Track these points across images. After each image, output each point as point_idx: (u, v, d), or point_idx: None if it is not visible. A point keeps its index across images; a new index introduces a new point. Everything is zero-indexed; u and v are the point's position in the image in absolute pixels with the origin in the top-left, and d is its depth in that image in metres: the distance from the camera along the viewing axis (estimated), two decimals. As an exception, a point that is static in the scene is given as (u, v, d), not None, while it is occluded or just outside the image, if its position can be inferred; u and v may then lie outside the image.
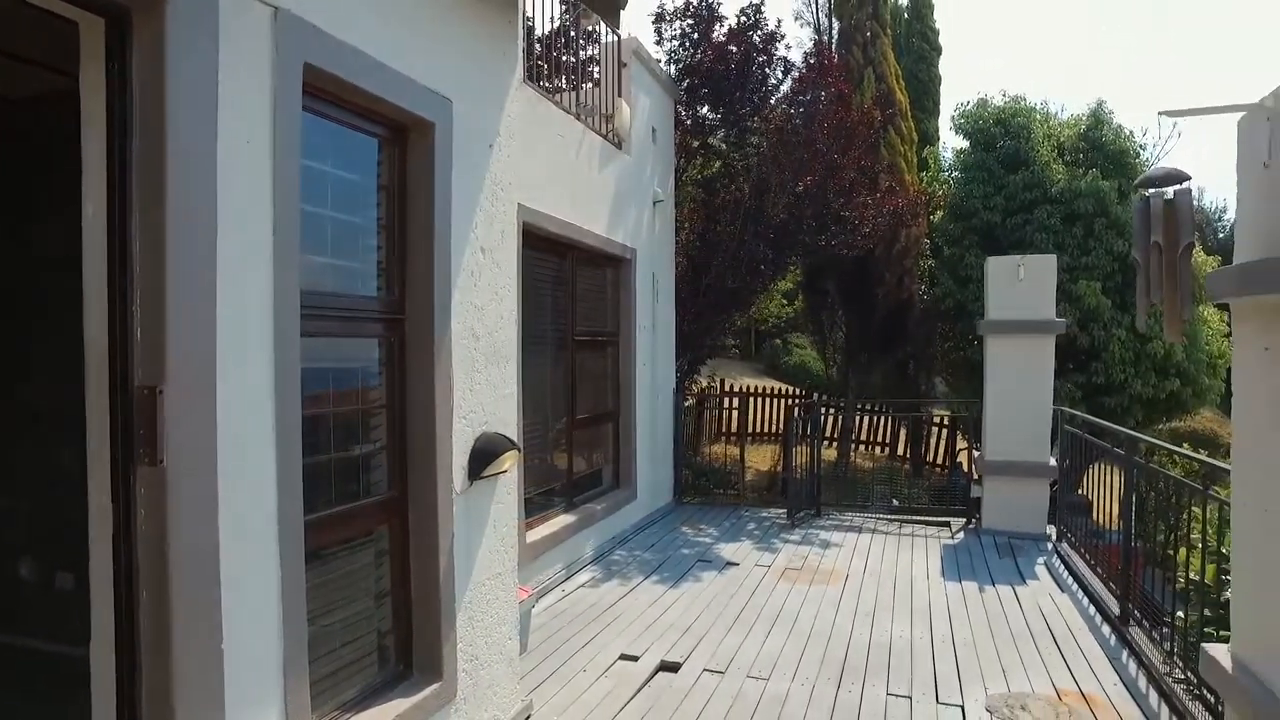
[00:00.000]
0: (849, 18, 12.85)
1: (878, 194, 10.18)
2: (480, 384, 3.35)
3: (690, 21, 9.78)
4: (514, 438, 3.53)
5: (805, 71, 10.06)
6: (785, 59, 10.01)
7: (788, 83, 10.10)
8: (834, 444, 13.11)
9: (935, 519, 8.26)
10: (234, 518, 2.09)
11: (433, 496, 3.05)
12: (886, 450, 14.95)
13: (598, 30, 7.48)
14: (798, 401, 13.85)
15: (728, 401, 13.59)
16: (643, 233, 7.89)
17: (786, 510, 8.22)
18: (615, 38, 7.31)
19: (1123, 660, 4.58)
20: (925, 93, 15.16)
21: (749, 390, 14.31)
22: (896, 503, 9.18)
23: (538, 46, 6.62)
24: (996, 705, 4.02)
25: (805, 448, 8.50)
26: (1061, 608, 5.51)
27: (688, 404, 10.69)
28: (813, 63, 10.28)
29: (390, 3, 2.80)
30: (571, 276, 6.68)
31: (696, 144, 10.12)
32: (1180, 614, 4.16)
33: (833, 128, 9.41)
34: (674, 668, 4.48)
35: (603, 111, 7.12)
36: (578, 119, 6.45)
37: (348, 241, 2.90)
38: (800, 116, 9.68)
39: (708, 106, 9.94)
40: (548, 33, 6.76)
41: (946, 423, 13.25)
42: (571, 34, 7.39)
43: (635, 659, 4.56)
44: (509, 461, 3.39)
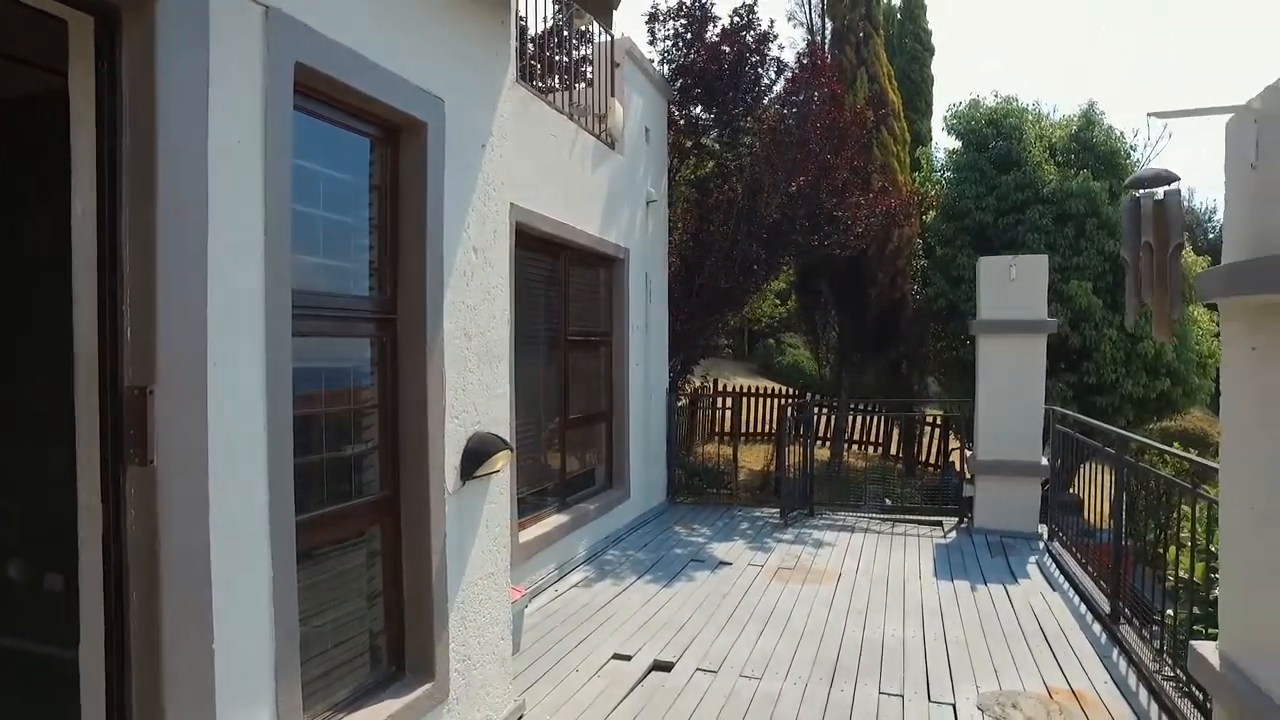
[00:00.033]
0: (842, 18, 12.88)
1: (870, 194, 10.21)
2: (473, 384, 3.35)
3: (683, 22, 9.78)
4: (507, 437, 3.53)
5: (798, 72, 10.09)
6: (778, 59, 10.05)
7: (781, 83, 10.12)
8: (827, 444, 13.13)
9: (928, 518, 8.29)
10: (225, 518, 2.09)
11: (425, 496, 3.05)
12: (879, 450, 14.99)
13: (591, 30, 7.49)
14: (791, 401, 13.90)
15: (721, 401, 13.62)
16: (636, 233, 7.89)
17: (779, 510, 8.23)
18: (608, 38, 7.31)
19: (1113, 658, 4.61)
20: (918, 93, 15.19)
21: (742, 390, 14.32)
22: (889, 502, 9.21)
23: (531, 46, 6.62)
24: (988, 703, 4.04)
25: (798, 447, 8.51)
26: (1053, 606, 5.54)
27: (681, 404, 10.71)
28: (806, 63, 10.31)
29: (382, 2, 2.79)
30: (564, 276, 6.67)
31: (690, 144, 10.12)
32: (1170, 612, 4.19)
33: (825, 128, 9.43)
34: (667, 667, 4.48)
35: (596, 111, 7.12)
36: (571, 119, 6.45)
37: (340, 241, 2.90)
38: (793, 116, 9.69)
39: (701, 106, 9.95)
40: (541, 32, 6.76)
41: (939, 422, 13.30)
42: (565, 34, 7.39)
43: (628, 659, 4.57)
44: (501, 461, 3.39)
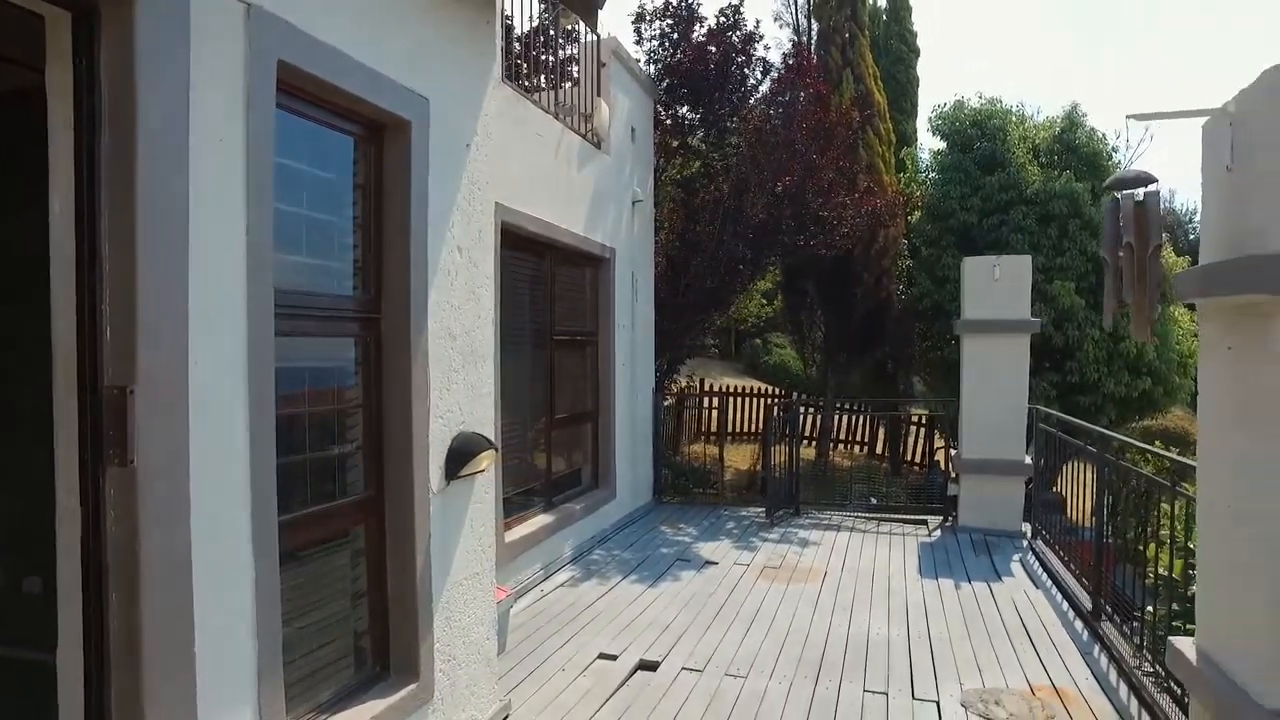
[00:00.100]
0: (828, 19, 12.92)
1: (856, 194, 10.24)
2: (457, 383, 3.34)
3: (670, 22, 9.79)
4: (491, 437, 3.52)
5: (784, 72, 10.12)
6: (764, 59, 10.07)
7: (767, 83, 10.15)
8: (813, 443, 13.19)
9: (913, 517, 8.33)
10: (207, 519, 2.07)
11: (409, 496, 3.04)
12: (865, 449, 15.07)
13: (577, 30, 7.48)
14: (777, 401, 13.94)
15: (707, 401, 13.65)
16: (622, 232, 7.89)
17: (765, 509, 8.25)
18: (594, 37, 7.30)
19: (1094, 655, 4.65)
20: (903, 94, 15.25)
21: (728, 390, 14.36)
22: (875, 501, 9.26)
23: (517, 46, 6.61)
24: (971, 700, 4.07)
25: (784, 447, 8.54)
26: (1036, 604, 5.58)
27: (667, 403, 10.73)
28: (791, 63, 10.34)
29: (366, 0, 2.78)
30: (550, 276, 6.67)
31: (676, 144, 10.13)
32: (1150, 609, 4.23)
33: (811, 128, 9.46)
34: (652, 666, 4.49)
35: (582, 111, 7.12)
36: (557, 118, 6.44)
37: (323, 240, 2.88)
38: (779, 117, 9.72)
39: (687, 106, 9.96)
40: (526, 32, 6.75)
41: (924, 422, 13.37)
42: (550, 33, 7.38)
43: (614, 658, 4.57)
44: (486, 461, 3.39)
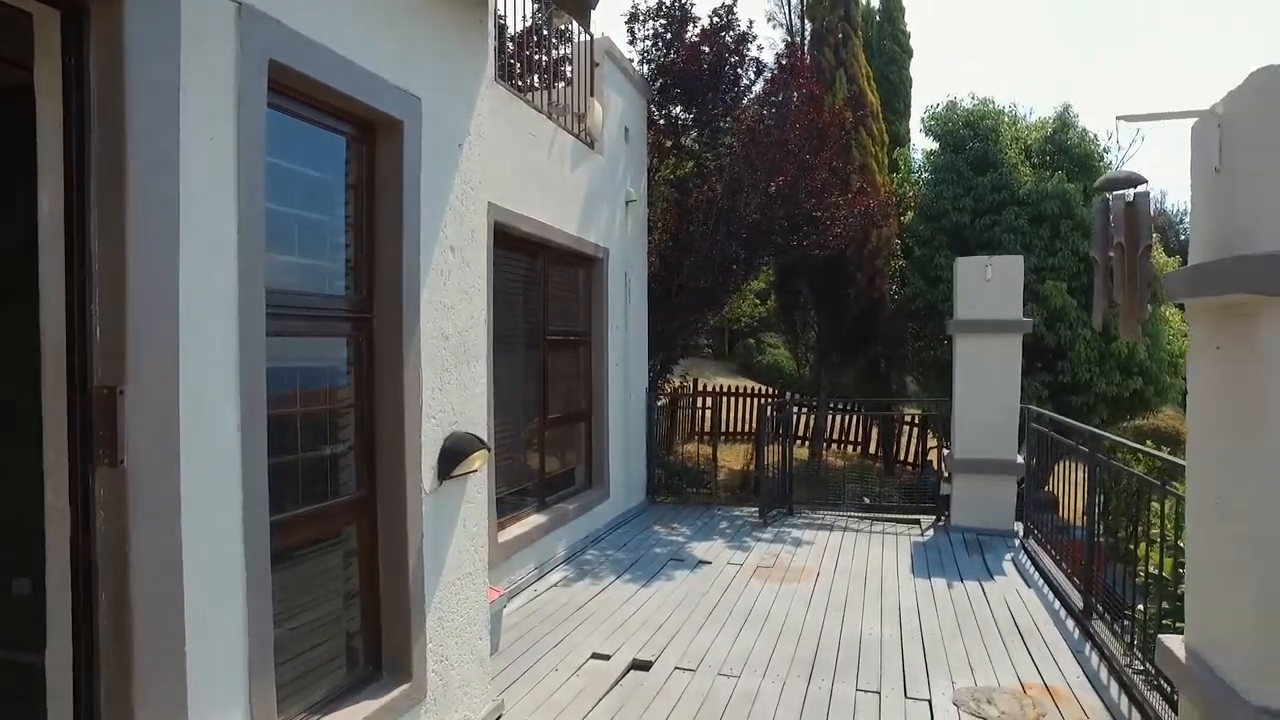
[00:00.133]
0: (821, 19, 12.93)
1: (849, 194, 10.26)
2: (450, 383, 3.33)
3: (663, 22, 9.79)
4: (484, 437, 3.52)
5: (777, 72, 10.12)
6: (757, 60, 10.08)
7: (760, 83, 10.16)
8: (806, 443, 13.20)
9: (905, 517, 8.36)
10: (198, 519, 2.07)
11: (401, 496, 3.03)
12: (858, 449, 15.08)
13: (570, 29, 7.47)
14: (770, 401, 13.93)
15: (701, 401, 13.64)
16: (615, 232, 7.89)
17: (759, 509, 8.26)
18: (588, 37, 7.30)
19: (1085, 653, 4.67)
20: (896, 95, 15.28)
21: (722, 390, 14.36)
22: (868, 501, 9.27)
23: (510, 45, 6.60)
24: (963, 699, 4.09)
25: (778, 447, 8.55)
26: (1027, 603, 5.61)
27: (661, 403, 10.71)
28: (784, 64, 10.34)
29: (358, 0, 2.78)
30: (543, 276, 6.66)
31: (669, 144, 10.13)
32: (1140, 607, 4.25)
33: (804, 128, 9.48)
34: (646, 666, 4.49)
35: (575, 111, 7.11)
36: (550, 118, 6.44)
37: (315, 240, 2.88)
38: (772, 117, 9.72)
39: (680, 106, 9.96)
40: (520, 31, 6.74)
41: (917, 421, 13.39)
42: (544, 33, 7.37)
43: (607, 658, 4.57)
44: (479, 461, 3.38)
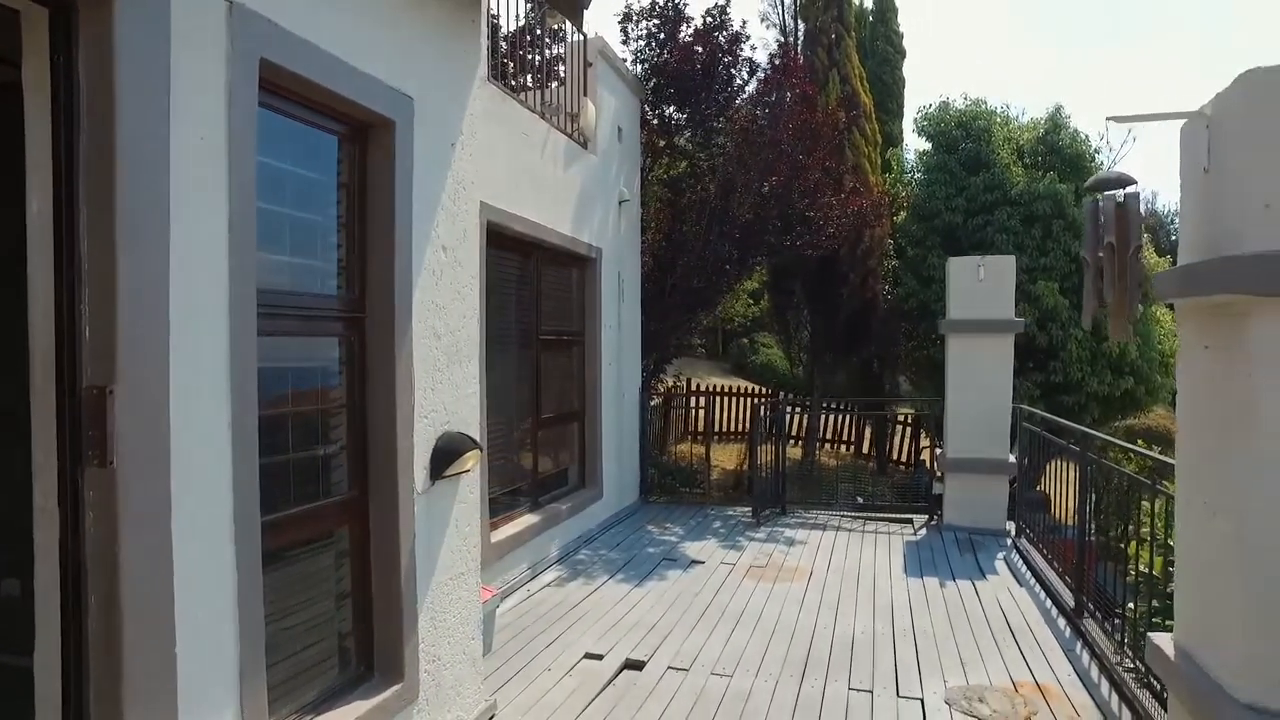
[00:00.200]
0: (814, 20, 12.96)
1: (842, 195, 10.28)
2: (442, 383, 3.33)
3: (656, 22, 9.79)
4: (476, 437, 3.51)
5: (771, 73, 10.14)
6: (751, 60, 10.08)
7: (753, 84, 10.16)
8: (799, 443, 13.23)
9: (898, 516, 8.37)
10: (188, 519, 2.06)
11: (393, 496, 3.03)
12: (851, 449, 15.12)
13: (563, 29, 7.47)
14: (764, 400, 13.95)
15: (694, 401, 13.65)
16: (608, 232, 7.89)
17: (752, 509, 8.28)
18: (581, 37, 7.30)
19: (1076, 651, 4.70)
20: (889, 95, 15.32)
21: (715, 389, 14.38)
22: (861, 500, 9.30)
23: (503, 45, 6.59)
24: (955, 697, 4.10)
25: (771, 446, 8.57)
26: (1019, 601, 5.63)
27: (654, 403, 10.72)
28: (778, 64, 10.36)
29: (349, -1, 2.77)
30: (536, 276, 6.66)
31: (663, 144, 10.13)
32: (1131, 606, 4.27)
33: (798, 128, 9.50)
34: (639, 666, 4.49)
35: (568, 110, 7.11)
36: (543, 118, 6.43)
37: (306, 239, 2.87)
38: (765, 117, 9.74)
39: (674, 106, 9.96)
40: (513, 31, 6.74)
41: (910, 421, 13.43)
42: (537, 33, 7.37)
43: (600, 658, 4.57)
44: (471, 461, 3.38)
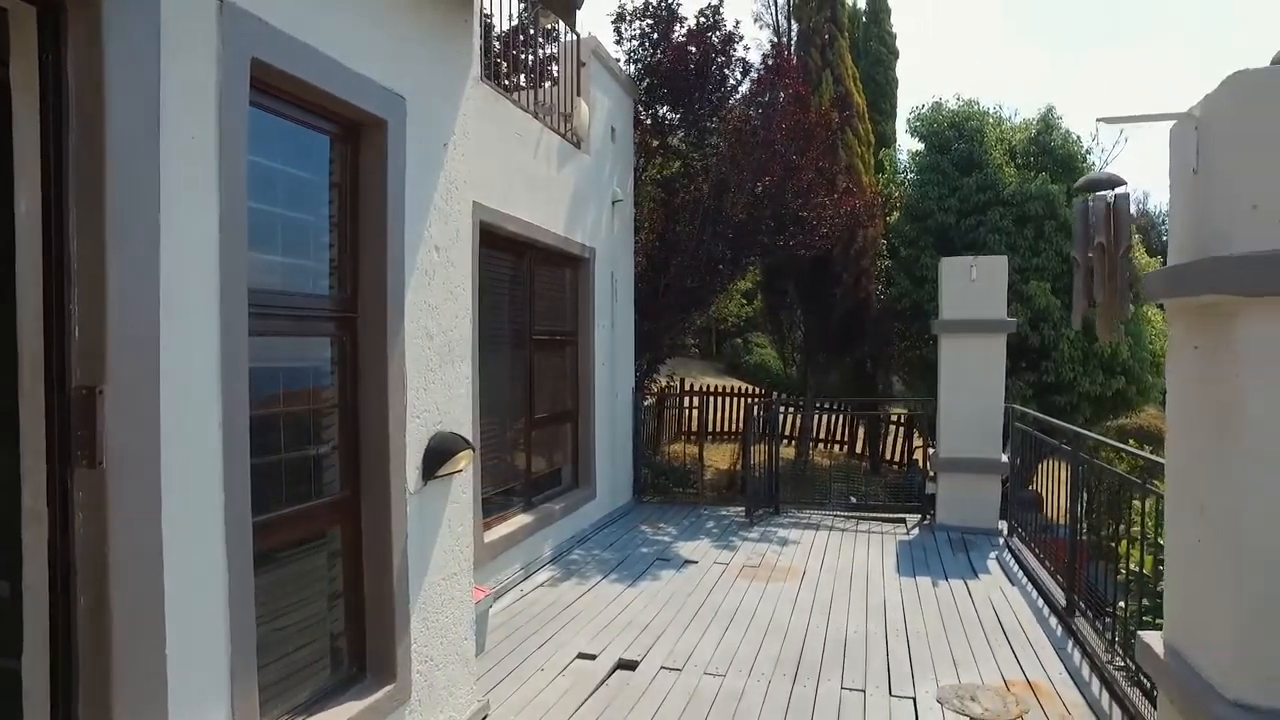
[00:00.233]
0: (808, 20, 12.99)
1: (835, 195, 10.30)
2: (434, 383, 3.33)
3: (650, 22, 9.80)
4: (469, 437, 3.51)
5: (764, 73, 10.14)
6: (744, 60, 10.09)
7: (746, 84, 10.17)
8: (793, 442, 13.24)
9: (891, 516, 8.40)
10: (178, 520, 2.05)
11: (386, 497, 3.02)
12: (845, 448, 15.14)
13: (557, 29, 7.46)
14: (757, 400, 13.96)
15: (687, 401, 13.67)
16: (601, 232, 7.89)
17: (745, 508, 8.29)
18: (574, 37, 7.30)
19: (1068, 650, 4.72)
20: (882, 95, 15.35)
21: (709, 389, 14.39)
22: (854, 500, 9.31)
23: (496, 45, 6.58)
24: (947, 696, 4.11)
25: (764, 446, 8.58)
26: (1011, 601, 5.65)
27: (647, 403, 10.72)
28: (771, 64, 10.36)
29: (341, -2, 2.76)
30: (529, 275, 6.65)
31: (656, 144, 10.13)
32: (1121, 604, 4.29)
33: (791, 128, 9.51)
34: (631, 665, 4.49)
35: (561, 110, 7.10)
36: (536, 118, 6.43)
37: (298, 239, 2.86)
38: (759, 117, 9.74)
39: (667, 106, 9.96)
40: (506, 31, 6.73)
41: (903, 421, 13.46)
42: (530, 33, 7.36)
43: (593, 657, 4.57)
44: (464, 461, 3.38)
